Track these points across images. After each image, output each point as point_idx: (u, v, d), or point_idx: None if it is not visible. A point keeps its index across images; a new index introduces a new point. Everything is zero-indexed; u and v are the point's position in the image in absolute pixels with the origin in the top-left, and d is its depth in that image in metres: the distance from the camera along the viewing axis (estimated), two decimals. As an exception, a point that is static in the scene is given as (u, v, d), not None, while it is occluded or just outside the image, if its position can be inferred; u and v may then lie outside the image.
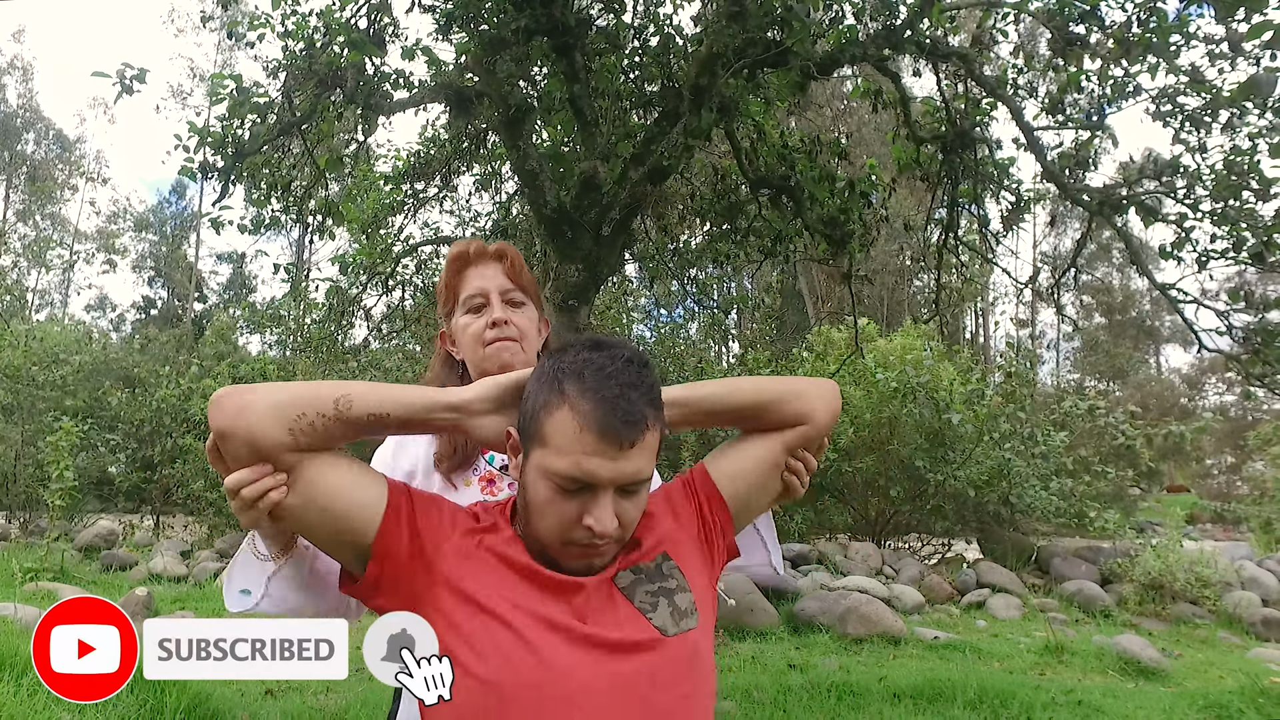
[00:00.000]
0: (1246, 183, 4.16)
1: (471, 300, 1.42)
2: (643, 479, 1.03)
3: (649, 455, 1.03)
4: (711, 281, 8.56)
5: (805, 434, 1.22)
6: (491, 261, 1.46)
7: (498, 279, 1.44)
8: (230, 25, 5.28)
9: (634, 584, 1.06)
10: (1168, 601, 7.80)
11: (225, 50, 31.36)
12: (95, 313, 36.50)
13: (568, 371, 1.02)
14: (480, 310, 1.42)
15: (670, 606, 1.04)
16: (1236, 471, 25.71)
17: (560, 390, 1.01)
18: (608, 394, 0.99)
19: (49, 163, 35.76)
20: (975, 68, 4.92)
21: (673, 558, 1.11)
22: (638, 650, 1.00)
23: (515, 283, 1.45)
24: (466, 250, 1.47)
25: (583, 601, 1.02)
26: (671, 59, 5.36)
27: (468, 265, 1.46)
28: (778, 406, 1.20)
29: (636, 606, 1.03)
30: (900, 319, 23.16)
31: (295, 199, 5.84)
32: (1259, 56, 3.77)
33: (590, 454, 0.98)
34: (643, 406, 1.00)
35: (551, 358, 1.07)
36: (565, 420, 0.99)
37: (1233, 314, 4.43)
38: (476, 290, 1.42)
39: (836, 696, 4.64)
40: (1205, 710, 4.64)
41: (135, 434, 12.42)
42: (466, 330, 1.42)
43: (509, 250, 1.48)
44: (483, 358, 1.40)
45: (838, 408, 1.26)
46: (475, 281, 1.43)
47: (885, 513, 10.07)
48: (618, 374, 1.01)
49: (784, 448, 1.22)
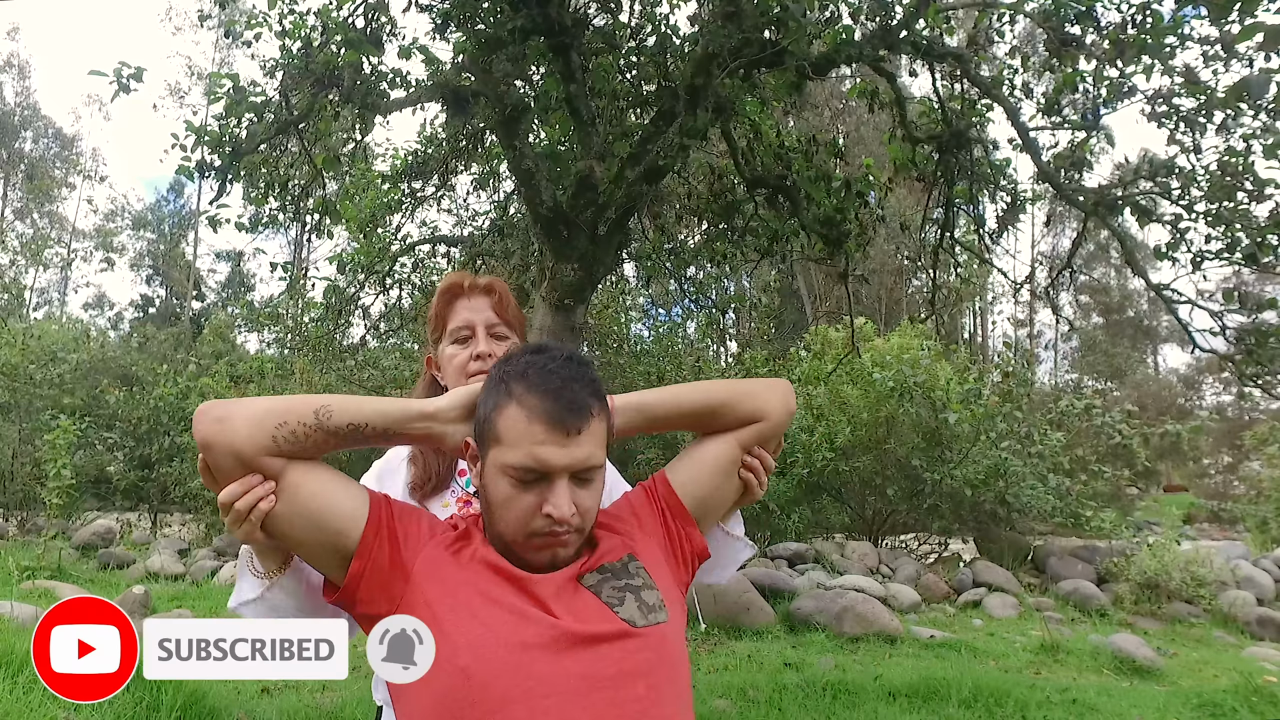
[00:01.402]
0: (1241, 184, 4.18)
1: (459, 332, 1.50)
2: (594, 465, 1.08)
3: (597, 442, 1.09)
4: (709, 281, 8.56)
5: (760, 431, 1.26)
6: (481, 295, 1.53)
7: (485, 313, 1.51)
8: (227, 24, 5.28)
9: (601, 581, 1.09)
10: (1163, 601, 7.83)
11: (223, 49, 31.34)
12: (93, 311, 36.50)
13: (513, 374, 1.09)
14: (466, 342, 1.49)
15: (638, 601, 1.07)
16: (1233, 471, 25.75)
17: (508, 391, 1.08)
18: (551, 386, 1.06)
19: (47, 161, 35.70)
20: (971, 68, 4.93)
21: (639, 559, 1.14)
22: (606, 640, 1.02)
23: (501, 317, 1.52)
24: (459, 283, 1.54)
25: (551, 595, 1.05)
26: (668, 59, 5.36)
27: (458, 297, 1.53)
28: (730, 408, 1.25)
29: (604, 601, 1.06)
30: (897, 318, 23.18)
31: (293, 198, 5.84)
32: (1252, 58, 3.79)
33: (541, 442, 1.04)
34: (586, 396, 1.07)
35: (498, 366, 1.14)
36: (514, 415, 1.06)
37: (1227, 314, 4.44)
38: (464, 323, 1.50)
39: (832, 695, 4.65)
40: (1199, 709, 4.66)
41: (133, 432, 12.42)
42: (452, 360, 1.49)
43: (498, 285, 1.56)
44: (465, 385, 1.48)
45: (792, 404, 1.31)
46: (464, 314, 1.51)
47: (882, 512, 10.08)
48: (559, 369, 1.08)
49: (740, 446, 1.25)
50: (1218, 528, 18.30)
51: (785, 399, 1.29)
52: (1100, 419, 10.62)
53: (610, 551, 1.13)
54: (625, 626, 1.04)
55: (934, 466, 8.94)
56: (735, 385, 1.28)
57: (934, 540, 10.31)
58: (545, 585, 1.05)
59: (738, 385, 1.28)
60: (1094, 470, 10.09)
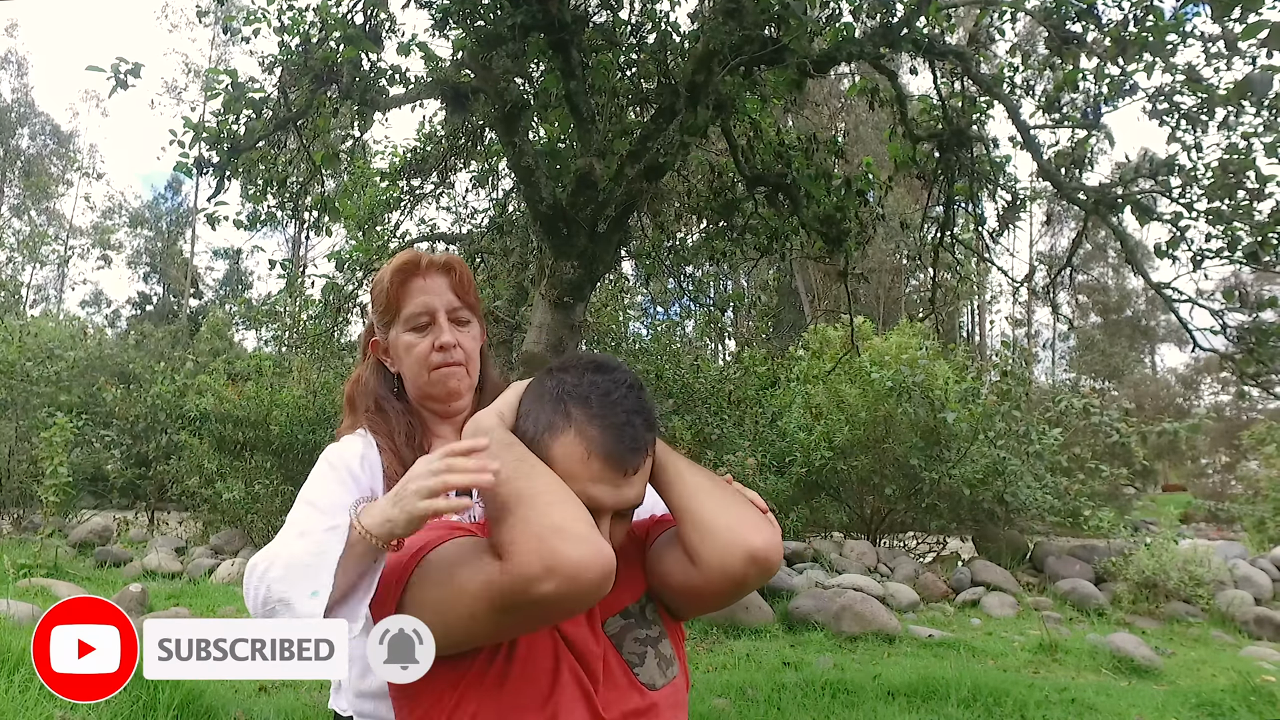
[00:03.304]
0: (1242, 182, 4.17)
1: (417, 318, 1.36)
2: (639, 504, 1.04)
3: (645, 480, 1.05)
4: (708, 279, 8.56)
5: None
6: (439, 275, 1.38)
7: (445, 295, 1.37)
8: (225, 20, 5.26)
9: (623, 631, 1.07)
10: (1161, 600, 7.84)
11: (219, 46, 31.25)
12: (90, 308, 36.39)
13: (573, 395, 1.02)
14: (425, 329, 1.36)
15: (656, 656, 1.06)
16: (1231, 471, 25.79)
17: (566, 413, 1.01)
18: (614, 420, 0.99)
19: (44, 157, 35.58)
20: (972, 66, 4.92)
21: (653, 598, 1.13)
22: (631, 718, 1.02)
23: (462, 299, 1.39)
24: (415, 261, 1.38)
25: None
26: (668, 56, 5.34)
27: (414, 276, 1.37)
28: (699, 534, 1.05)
29: (625, 658, 1.04)
30: (896, 317, 23.19)
31: (291, 195, 5.82)
32: (1255, 56, 3.78)
33: (596, 480, 0.98)
34: (644, 433, 1.01)
35: (554, 377, 1.06)
36: (572, 444, 0.99)
37: (1227, 313, 4.44)
38: (423, 307, 1.35)
39: (831, 694, 4.65)
40: (1198, 708, 4.66)
41: (130, 430, 12.38)
42: (411, 350, 1.36)
43: (456, 263, 1.41)
44: (428, 382, 1.37)
45: (765, 564, 1.03)
46: (420, 296, 1.36)
47: (880, 511, 10.08)
48: (622, 400, 1.01)
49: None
50: (1215, 527, 18.32)
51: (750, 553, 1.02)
52: (1098, 418, 10.62)
53: (629, 581, 1.10)
54: (647, 698, 1.03)
55: (932, 465, 8.94)
56: (720, 514, 1.04)
57: (932, 539, 10.32)
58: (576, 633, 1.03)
59: (721, 515, 1.04)
60: (1092, 469, 10.09)
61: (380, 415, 1.38)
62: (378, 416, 1.38)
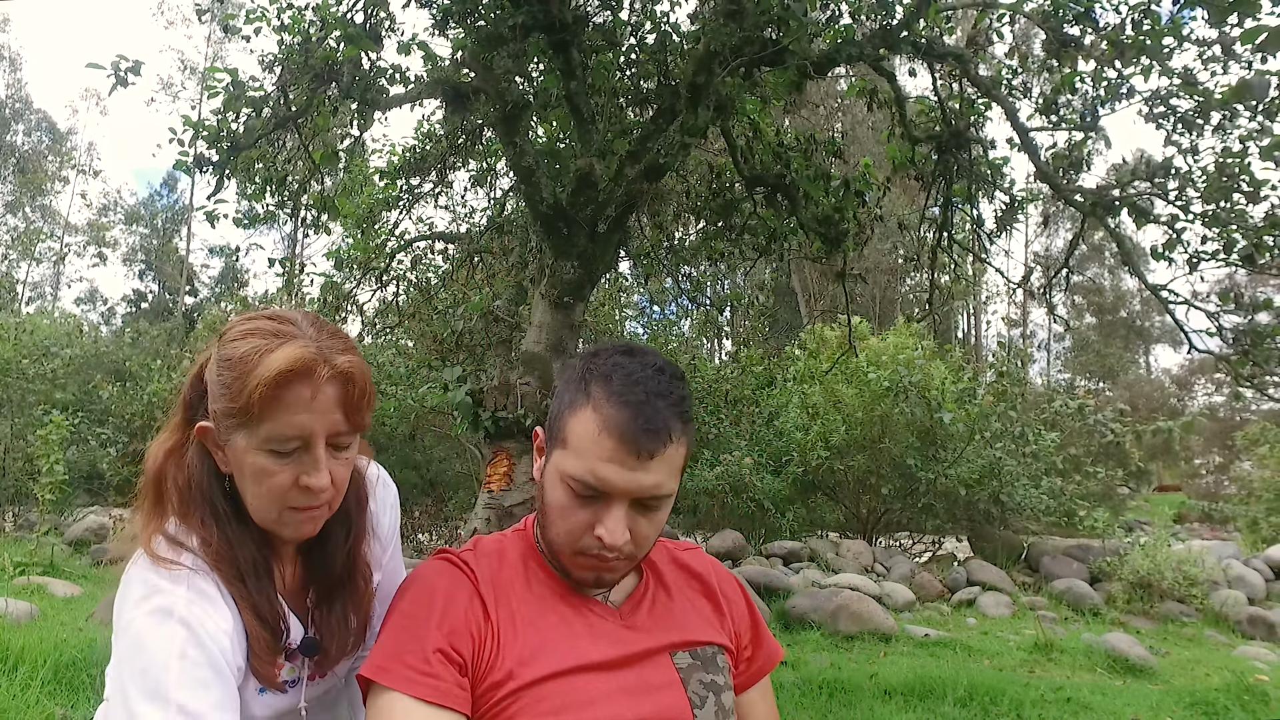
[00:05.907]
0: (1237, 185, 4.20)
1: (285, 441, 0.97)
2: (662, 494, 0.99)
3: (671, 471, 0.99)
4: (705, 279, 8.57)
5: None
6: (331, 386, 0.98)
7: (331, 415, 0.98)
8: (224, 19, 5.25)
9: (690, 669, 1.05)
10: (1155, 600, 7.87)
11: (216, 44, 31.20)
12: (86, 306, 36.36)
13: (596, 374, 1.00)
14: (291, 455, 0.98)
15: (717, 705, 1.04)
16: (1224, 471, 25.88)
17: (586, 391, 0.99)
18: (632, 399, 0.96)
19: (39, 154, 35.47)
20: (970, 68, 4.94)
21: (725, 653, 1.10)
22: None
23: (351, 420, 1.01)
24: (309, 368, 0.96)
25: (640, 659, 1.03)
26: (668, 57, 5.35)
27: (300, 386, 0.96)
28: None
29: (689, 695, 1.02)
30: (893, 317, 23.21)
31: (290, 194, 5.81)
32: (1251, 60, 3.80)
33: (607, 459, 0.95)
34: (668, 417, 0.97)
35: (584, 359, 1.05)
36: (587, 421, 0.97)
37: (1223, 315, 4.46)
38: (297, 430, 0.96)
39: (828, 693, 4.66)
40: (1192, 707, 4.68)
41: (126, 428, 12.36)
42: (265, 478, 0.98)
43: (357, 372, 1.01)
44: (277, 520, 1.02)
45: None
46: (300, 415, 0.96)
47: (876, 510, 10.11)
48: (646, 381, 0.98)
49: None
50: (1209, 527, 18.39)
51: None
52: (1093, 418, 10.66)
53: (705, 623, 1.11)
54: None
55: (928, 466, 8.97)
56: None
57: (928, 539, 10.35)
58: (640, 648, 1.03)
59: None
60: (1087, 470, 10.14)
61: (219, 535, 1.01)
62: (215, 536, 1.01)
